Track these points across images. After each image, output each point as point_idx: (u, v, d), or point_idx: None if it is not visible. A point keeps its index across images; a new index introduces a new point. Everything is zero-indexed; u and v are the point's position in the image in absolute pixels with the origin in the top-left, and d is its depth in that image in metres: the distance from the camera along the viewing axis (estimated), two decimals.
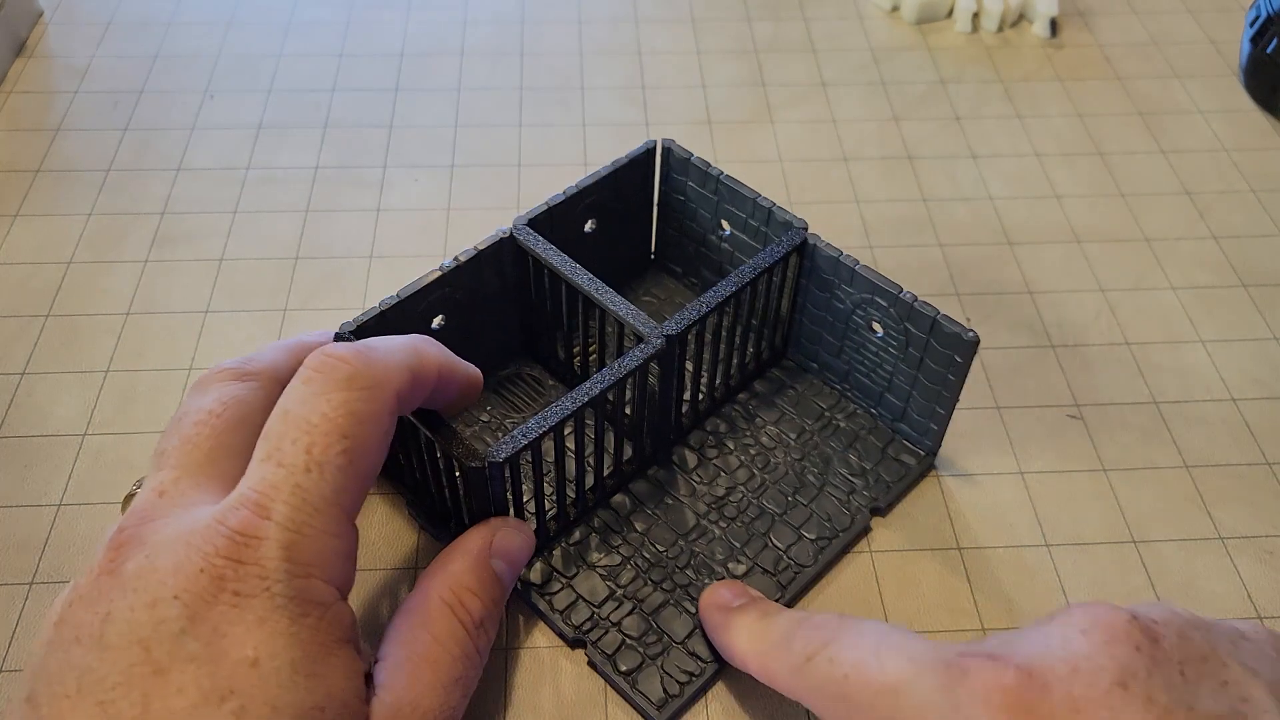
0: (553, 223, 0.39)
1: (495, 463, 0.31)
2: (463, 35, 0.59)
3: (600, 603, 0.35)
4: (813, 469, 0.39)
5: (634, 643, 0.34)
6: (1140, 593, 0.37)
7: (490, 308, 0.39)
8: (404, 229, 0.48)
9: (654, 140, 0.41)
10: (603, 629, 0.35)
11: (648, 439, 0.38)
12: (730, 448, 0.40)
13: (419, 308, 0.36)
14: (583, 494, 0.37)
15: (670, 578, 0.36)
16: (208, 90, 0.55)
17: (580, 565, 0.36)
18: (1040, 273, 0.47)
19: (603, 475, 0.37)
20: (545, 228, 0.38)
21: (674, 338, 0.35)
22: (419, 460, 0.35)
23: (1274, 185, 0.52)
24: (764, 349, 0.41)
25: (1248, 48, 0.56)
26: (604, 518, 0.38)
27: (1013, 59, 0.58)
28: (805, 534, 0.37)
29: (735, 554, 0.37)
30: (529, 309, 0.40)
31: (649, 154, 0.41)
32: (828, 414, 0.41)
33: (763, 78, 0.57)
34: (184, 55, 0.57)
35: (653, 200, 0.43)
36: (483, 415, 0.40)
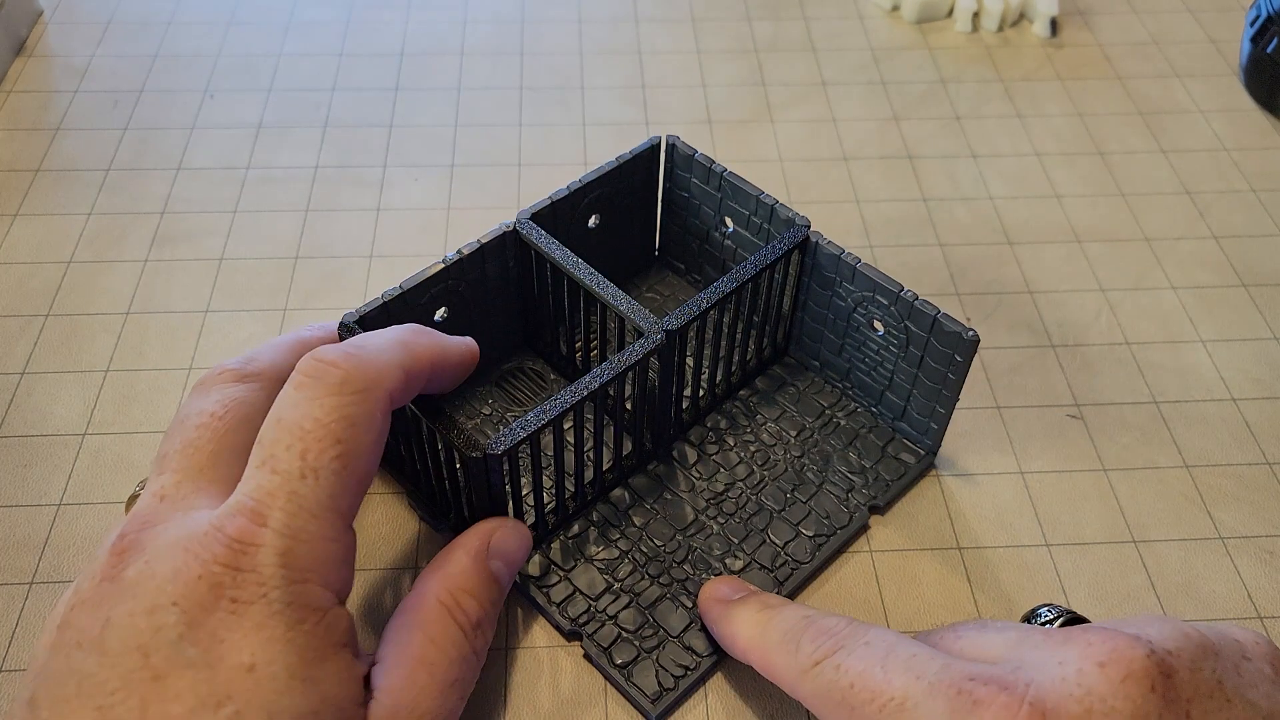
0: (555, 217, 0.39)
1: (494, 455, 0.31)
2: (463, 35, 0.59)
3: (597, 596, 0.35)
4: (812, 466, 0.39)
5: (630, 636, 0.34)
6: (1140, 593, 0.37)
7: (493, 301, 0.39)
8: (404, 228, 0.48)
9: (658, 136, 0.41)
10: (599, 622, 0.35)
11: (647, 433, 0.38)
12: (730, 444, 0.40)
13: (421, 300, 0.36)
14: (582, 488, 0.37)
15: (667, 572, 0.36)
16: (208, 90, 0.55)
17: (578, 558, 0.36)
18: (1040, 273, 0.47)
19: (602, 469, 0.37)
20: (548, 222, 0.39)
21: (674, 333, 0.35)
22: (419, 452, 0.35)
23: (1274, 185, 0.52)
24: (765, 346, 0.41)
25: (1248, 47, 0.56)
26: (603, 511, 0.38)
27: (1013, 58, 0.58)
28: (803, 531, 0.37)
29: (733, 550, 0.37)
30: (531, 303, 0.40)
31: (653, 150, 0.41)
32: (828, 412, 0.41)
33: (763, 77, 0.57)
34: (184, 55, 0.57)
35: (656, 197, 0.43)
36: (484, 408, 0.40)
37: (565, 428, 0.38)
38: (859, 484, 0.39)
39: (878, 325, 0.38)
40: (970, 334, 0.35)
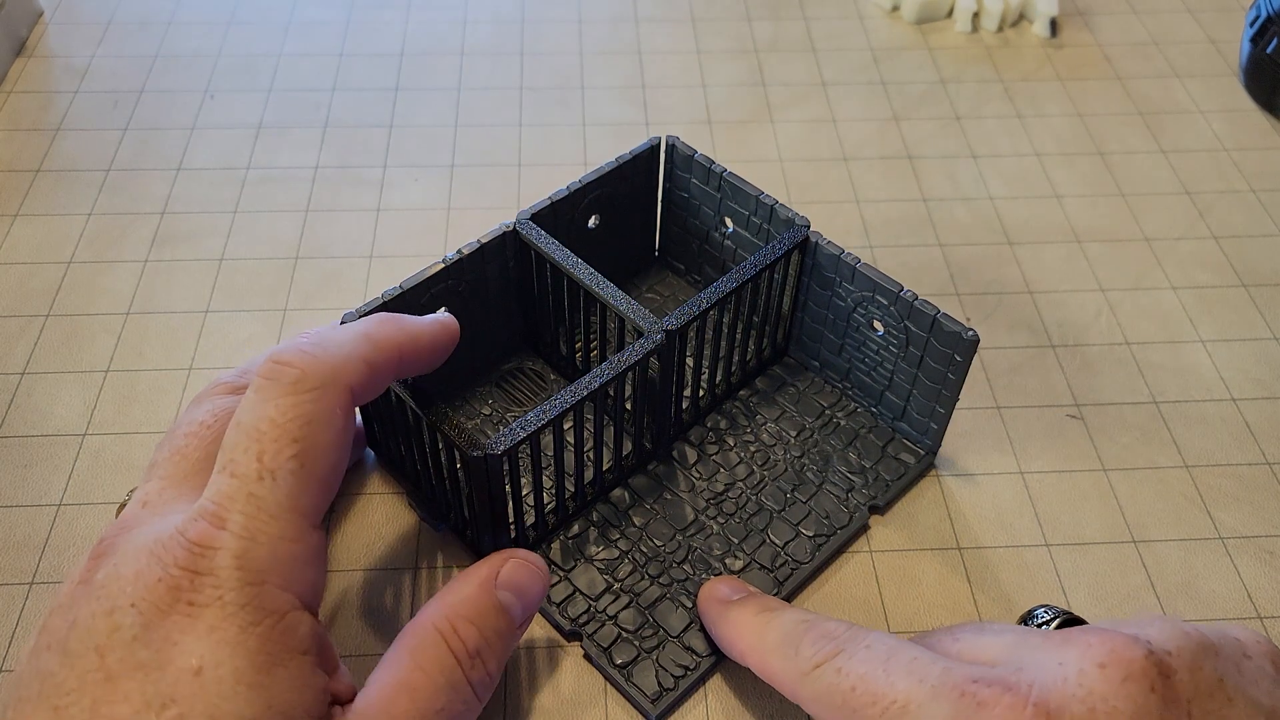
0: (556, 217, 0.39)
1: (494, 454, 0.31)
2: (463, 35, 0.59)
3: (597, 596, 0.35)
4: (812, 466, 0.39)
5: (630, 636, 0.34)
6: (1140, 593, 0.37)
7: (493, 301, 0.39)
8: (404, 229, 0.48)
9: (658, 137, 0.41)
10: (599, 622, 0.35)
11: (647, 433, 0.38)
12: (730, 444, 0.40)
13: (421, 300, 0.36)
14: (582, 488, 0.37)
15: (667, 572, 0.36)
16: (208, 90, 0.55)
17: (578, 558, 0.36)
18: (1040, 273, 0.47)
19: (602, 469, 0.37)
20: (548, 222, 0.39)
21: (674, 332, 0.35)
22: (419, 452, 0.35)
23: (1274, 185, 0.52)
24: (765, 346, 0.41)
25: (1248, 48, 0.56)
26: (603, 512, 0.38)
27: (1013, 59, 0.58)
28: (803, 531, 0.37)
29: (733, 550, 0.37)
30: (531, 303, 0.40)
31: (653, 150, 0.41)
32: (828, 412, 0.41)
33: (763, 78, 0.57)
34: (184, 55, 0.57)
35: (656, 197, 0.43)
36: (484, 408, 0.40)
37: (565, 428, 0.38)
38: (859, 484, 0.39)
39: (877, 325, 0.38)
40: (970, 334, 0.35)
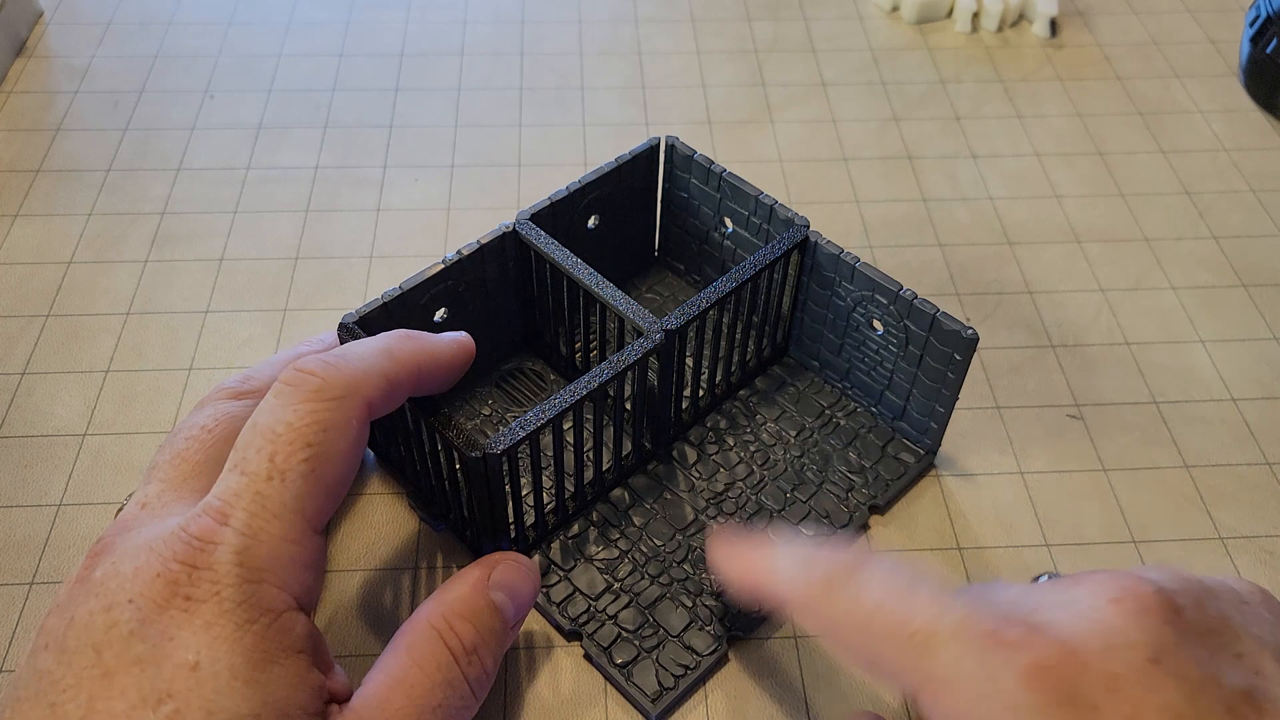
0: (555, 218, 0.39)
1: (494, 454, 0.31)
2: (463, 35, 0.59)
3: (597, 596, 0.35)
4: (812, 466, 0.39)
5: (630, 636, 0.34)
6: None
7: (492, 301, 0.39)
8: (404, 229, 0.48)
9: (658, 137, 0.41)
10: (599, 622, 0.35)
11: (647, 433, 0.38)
12: (730, 444, 0.40)
13: (421, 300, 0.36)
14: (582, 487, 0.37)
15: (667, 572, 0.36)
16: (208, 90, 0.55)
17: (578, 558, 0.36)
18: (1040, 273, 0.47)
19: (602, 469, 0.37)
20: (547, 222, 0.39)
21: (674, 332, 0.35)
22: (419, 452, 0.35)
23: (1274, 185, 0.52)
24: (765, 346, 0.41)
25: (1248, 48, 0.56)
26: (603, 511, 0.38)
27: (1013, 59, 0.58)
28: (803, 531, 0.37)
29: None
30: (531, 303, 0.40)
31: (652, 151, 0.41)
32: (828, 412, 0.41)
33: (763, 78, 0.57)
34: (184, 55, 0.57)
35: (656, 197, 0.43)
36: (484, 408, 0.40)
37: (565, 428, 0.38)
38: (859, 484, 0.39)
39: (877, 325, 0.38)
40: (969, 332, 0.35)
